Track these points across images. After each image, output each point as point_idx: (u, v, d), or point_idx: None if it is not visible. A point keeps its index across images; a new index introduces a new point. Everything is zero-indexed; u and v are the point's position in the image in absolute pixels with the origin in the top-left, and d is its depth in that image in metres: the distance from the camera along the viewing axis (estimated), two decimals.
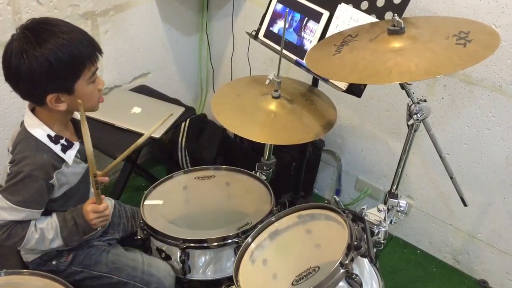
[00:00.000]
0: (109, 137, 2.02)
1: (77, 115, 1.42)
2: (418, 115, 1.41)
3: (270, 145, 1.83)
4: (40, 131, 1.28)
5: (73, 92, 1.24)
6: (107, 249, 1.53)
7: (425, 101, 1.42)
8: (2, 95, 1.86)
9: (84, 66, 1.23)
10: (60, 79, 1.21)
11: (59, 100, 1.24)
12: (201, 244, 1.47)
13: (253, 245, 1.37)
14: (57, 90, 1.22)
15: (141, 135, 1.93)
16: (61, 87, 1.22)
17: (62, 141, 1.30)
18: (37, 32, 1.18)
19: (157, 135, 2.05)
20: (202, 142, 2.53)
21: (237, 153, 2.50)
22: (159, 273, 1.49)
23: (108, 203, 1.61)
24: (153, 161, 2.77)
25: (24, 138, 1.28)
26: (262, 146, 1.83)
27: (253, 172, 1.79)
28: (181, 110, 2.23)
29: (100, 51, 1.27)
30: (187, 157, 2.53)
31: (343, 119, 2.32)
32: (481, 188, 2.04)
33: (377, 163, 2.34)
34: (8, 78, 1.22)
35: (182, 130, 2.53)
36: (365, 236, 1.26)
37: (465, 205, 1.65)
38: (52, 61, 1.16)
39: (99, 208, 1.33)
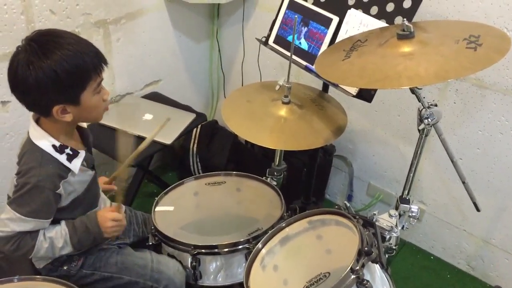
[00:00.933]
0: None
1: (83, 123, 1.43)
2: (429, 119, 1.41)
3: (281, 150, 1.83)
4: (45, 141, 1.28)
5: (79, 103, 1.25)
6: (117, 250, 1.54)
7: (436, 105, 1.42)
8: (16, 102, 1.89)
9: (90, 77, 1.24)
10: (66, 90, 1.21)
11: (65, 111, 1.25)
12: (211, 250, 1.47)
13: (263, 251, 1.37)
14: (63, 101, 1.23)
15: (153, 141, 1.95)
16: (67, 98, 1.23)
17: (67, 151, 1.31)
18: (43, 43, 1.18)
19: (168, 141, 2.06)
20: (213, 148, 2.54)
21: (248, 159, 2.50)
22: (168, 270, 1.50)
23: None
24: (164, 168, 2.78)
25: (29, 150, 1.29)
26: (272, 151, 1.83)
27: (264, 178, 1.79)
28: (192, 116, 2.24)
29: (105, 62, 1.28)
30: (199, 163, 2.53)
31: (354, 124, 2.32)
32: (494, 193, 2.02)
33: (389, 168, 2.33)
34: (15, 89, 1.22)
35: (193, 136, 2.54)
36: (376, 242, 1.25)
37: (478, 210, 1.63)
38: (59, 72, 1.17)
39: (120, 216, 1.36)
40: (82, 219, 1.37)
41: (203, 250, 1.47)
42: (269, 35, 1.87)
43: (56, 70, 1.17)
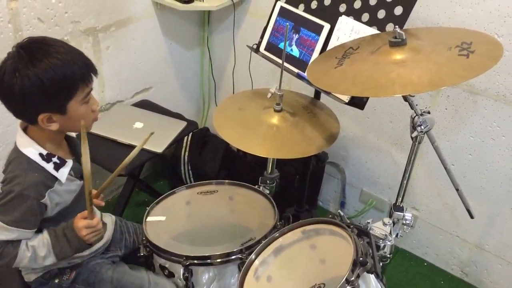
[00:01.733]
0: (111, 152, 2.01)
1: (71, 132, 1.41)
2: (422, 127, 1.40)
3: (273, 158, 1.82)
4: (32, 149, 1.26)
5: (65, 112, 1.23)
6: (112, 267, 1.51)
7: (428, 112, 1.41)
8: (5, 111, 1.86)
9: (77, 87, 1.22)
10: (52, 99, 1.20)
11: (51, 119, 1.23)
12: (204, 261, 1.45)
13: (257, 261, 1.36)
14: (49, 110, 1.21)
15: (144, 150, 1.92)
16: (53, 107, 1.21)
17: (55, 159, 1.29)
18: (31, 51, 1.17)
19: (159, 150, 2.04)
20: (205, 156, 2.52)
21: (240, 167, 2.49)
22: None
23: (109, 219, 1.61)
24: (156, 176, 2.76)
25: (16, 157, 1.27)
26: (265, 159, 1.81)
27: (256, 186, 1.77)
28: (183, 124, 2.22)
29: (95, 72, 1.27)
30: (190, 171, 2.51)
31: (346, 130, 2.31)
32: (487, 198, 2.02)
33: (382, 175, 2.32)
34: (1, 96, 1.21)
35: (184, 144, 2.52)
36: (371, 251, 1.24)
37: (471, 217, 1.63)
38: (44, 80, 1.15)
39: (92, 223, 1.31)
40: (63, 228, 1.34)
41: (195, 261, 1.45)
42: (260, 42, 1.86)
43: (42, 79, 1.15)
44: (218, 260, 1.45)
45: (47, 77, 1.16)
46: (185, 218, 1.68)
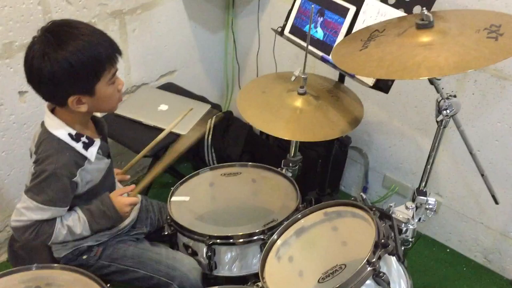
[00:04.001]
0: (136, 134, 2.04)
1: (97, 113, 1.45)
2: (448, 111, 1.38)
3: (296, 142, 1.82)
4: (61, 130, 1.29)
5: (94, 93, 1.26)
6: (134, 243, 1.55)
7: (455, 96, 1.39)
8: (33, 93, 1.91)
9: (104, 68, 1.24)
10: (81, 81, 1.22)
11: (80, 101, 1.26)
12: (227, 241, 1.48)
13: (279, 242, 1.37)
14: (79, 92, 1.24)
15: (170, 132, 1.95)
16: (82, 89, 1.24)
17: (83, 139, 1.32)
18: (57, 34, 1.19)
19: (184, 132, 2.06)
20: (228, 139, 2.53)
21: (263, 150, 2.50)
22: (183, 267, 1.50)
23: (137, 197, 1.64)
24: (179, 158, 2.76)
25: (46, 138, 1.30)
26: (288, 142, 1.82)
27: (279, 169, 1.78)
28: (207, 107, 2.24)
29: (119, 52, 1.28)
30: (213, 154, 2.53)
31: (370, 115, 2.29)
32: None
33: (405, 160, 2.30)
34: (30, 80, 1.24)
35: (208, 127, 2.54)
36: (392, 234, 1.24)
37: (496, 203, 1.61)
38: (73, 63, 1.18)
39: (138, 200, 1.43)
40: (98, 205, 1.38)
41: (218, 241, 1.47)
42: (284, 25, 1.86)
43: (71, 62, 1.17)
44: (241, 240, 1.47)
45: (75, 60, 1.18)
46: (209, 199, 1.71)
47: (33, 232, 1.30)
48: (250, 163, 1.80)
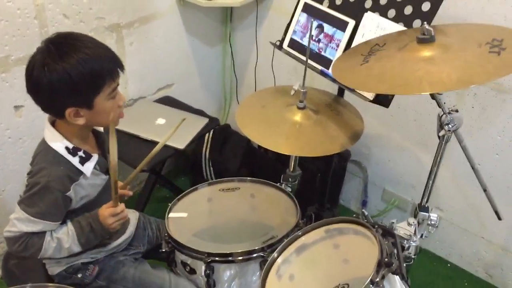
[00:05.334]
0: (133, 148, 2.02)
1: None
2: (450, 125, 1.37)
3: (296, 156, 1.80)
4: (58, 143, 1.28)
5: (93, 107, 1.24)
6: (134, 264, 1.52)
7: (456, 111, 1.38)
8: (31, 106, 1.89)
9: (105, 82, 1.23)
10: (79, 94, 1.21)
11: (78, 114, 1.24)
12: (226, 258, 1.44)
13: (279, 260, 1.34)
14: (76, 104, 1.22)
15: (165, 146, 1.92)
16: (80, 101, 1.22)
17: (80, 153, 1.30)
18: (60, 46, 1.18)
19: (181, 146, 2.04)
20: (226, 153, 2.52)
21: (261, 164, 2.48)
22: None
23: (133, 215, 1.61)
24: (177, 172, 2.76)
25: (42, 150, 1.29)
26: (286, 156, 1.80)
27: (278, 184, 1.76)
28: (205, 121, 2.23)
29: (122, 67, 1.27)
30: (211, 168, 2.51)
31: (369, 129, 2.28)
32: None
33: (405, 174, 2.28)
34: (30, 90, 1.23)
35: (206, 141, 2.52)
36: (396, 252, 1.22)
37: (499, 218, 1.59)
38: (72, 75, 1.16)
39: (117, 210, 1.33)
40: (87, 218, 1.35)
41: (217, 258, 1.44)
42: (283, 39, 1.84)
43: (70, 73, 1.16)
44: (240, 258, 1.44)
45: (75, 72, 1.16)
46: (207, 215, 1.68)
47: (22, 244, 1.28)
48: (248, 178, 1.78)
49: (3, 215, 2.01)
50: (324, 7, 1.73)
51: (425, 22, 1.31)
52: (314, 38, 1.72)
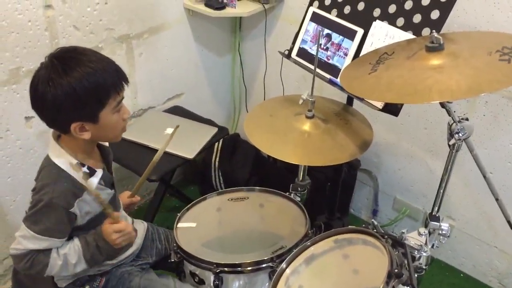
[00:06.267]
0: (142, 158, 2.02)
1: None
2: (460, 134, 1.35)
3: (305, 166, 1.79)
4: (62, 159, 1.27)
5: (98, 121, 1.24)
6: (140, 274, 1.51)
7: (467, 119, 1.36)
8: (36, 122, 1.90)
9: (109, 95, 1.23)
10: (84, 108, 1.20)
11: (83, 128, 1.24)
12: (234, 269, 1.44)
13: (288, 270, 1.33)
14: (81, 119, 1.22)
15: (175, 156, 1.93)
16: (85, 115, 1.22)
17: (84, 169, 1.29)
18: (64, 60, 1.18)
19: (190, 156, 2.04)
20: (235, 162, 2.51)
21: (270, 173, 2.47)
22: None
23: (141, 226, 1.61)
24: (186, 182, 2.76)
25: (46, 166, 1.28)
26: (296, 166, 1.79)
27: (287, 193, 1.75)
28: (214, 130, 2.23)
29: (126, 80, 1.27)
30: (221, 177, 2.51)
31: (379, 137, 2.26)
32: None
33: (415, 183, 2.26)
34: (35, 106, 1.22)
35: (215, 150, 2.52)
36: (406, 262, 1.20)
37: None
38: (77, 89, 1.16)
39: (121, 227, 1.31)
40: (93, 235, 1.34)
41: (226, 269, 1.43)
42: (292, 48, 1.85)
43: (75, 87, 1.16)
44: (249, 268, 1.43)
45: (80, 86, 1.16)
46: (216, 225, 1.68)
47: (29, 262, 1.27)
48: (257, 187, 1.77)
49: (14, 225, 2.02)
50: (332, 16, 1.73)
51: (434, 30, 1.30)
52: (322, 46, 1.72)
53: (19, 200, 2.00)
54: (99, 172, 1.33)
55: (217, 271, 1.42)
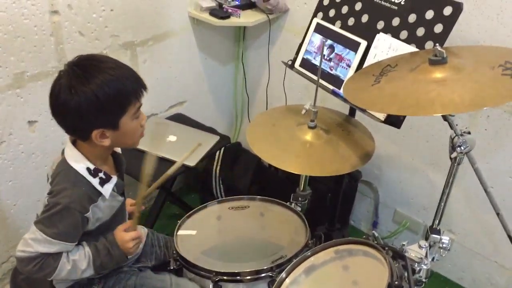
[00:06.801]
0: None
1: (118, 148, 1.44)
2: (462, 147, 1.35)
3: (306, 176, 1.80)
4: (80, 164, 1.28)
5: (118, 127, 1.25)
6: (137, 273, 1.52)
7: (469, 133, 1.37)
8: (43, 123, 1.91)
9: (130, 102, 1.24)
10: (106, 115, 1.22)
11: (104, 135, 1.25)
12: (234, 277, 1.43)
13: (287, 280, 1.33)
14: (103, 126, 1.23)
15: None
16: (107, 122, 1.23)
17: (101, 175, 1.30)
18: (85, 68, 1.19)
19: (192, 163, 2.04)
20: (237, 171, 2.51)
21: (271, 183, 2.47)
22: None
23: (142, 231, 1.61)
24: (187, 189, 2.76)
25: (63, 170, 1.29)
26: (297, 176, 1.79)
27: (288, 203, 1.75)
28: (216, 138, 2.23)
29: (145, 87, 1.29)
30: (221, 186, 2.51)
31: (380, 149, 2.26)
32: None
33: (416, 195, 2.26)
34: (55, 113, 1.23)
35: (216, 158, 2.52)
36: (406, 275, 1.20)
37: None
38: (100, 96, 1.17)
39: (138, 234, 1.35)
40: (104, 242, 1.35)
41: (225, 277, 1.43)
42: (295, 58, 1.86)
43: (97, 94, 1.17)
44: (248, 277, 1.43)
45: (102, 93, 1.18)
46: (216, 233, 1.68)
47: (37, 265, 1.26)
48: (258, 196, 1.77)
49: (14, 229, 2.02)
50: (336, 28, 1.74)
51: (437, 44, 1.31)
52: (325, 57, 1.73)
53: (20, 203, 2.00)
54: (114, 179, 1.34)
55: (216, 279, 1.42)
